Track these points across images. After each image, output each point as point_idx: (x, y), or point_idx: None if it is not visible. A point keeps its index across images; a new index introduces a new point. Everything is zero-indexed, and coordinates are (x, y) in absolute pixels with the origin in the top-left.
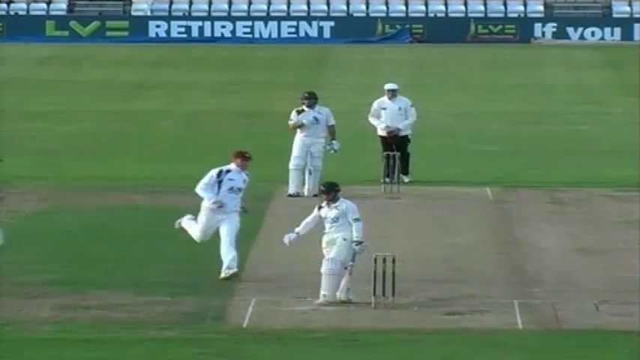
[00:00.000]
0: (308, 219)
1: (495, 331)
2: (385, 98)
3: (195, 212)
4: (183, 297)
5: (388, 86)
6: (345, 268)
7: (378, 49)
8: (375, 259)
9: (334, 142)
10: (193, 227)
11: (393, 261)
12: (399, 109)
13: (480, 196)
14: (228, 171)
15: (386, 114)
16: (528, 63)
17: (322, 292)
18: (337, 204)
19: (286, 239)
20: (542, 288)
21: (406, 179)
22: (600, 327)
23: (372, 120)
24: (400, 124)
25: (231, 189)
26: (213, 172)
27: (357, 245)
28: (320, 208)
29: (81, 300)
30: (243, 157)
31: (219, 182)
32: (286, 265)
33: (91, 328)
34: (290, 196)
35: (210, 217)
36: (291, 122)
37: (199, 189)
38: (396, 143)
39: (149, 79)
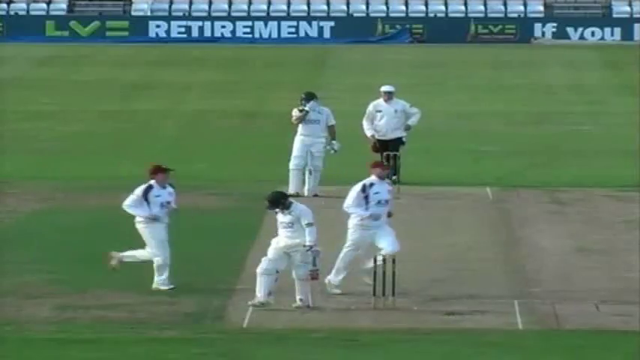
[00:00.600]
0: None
1: (495, 331)
2: (381, 100)
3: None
4: (183, 297)
5: (385, 88)
6: (314, 278)
7: (378, 49)
8: (375, 259)
9: (334, 142)
10: (141, 253)
11: (393, 261)
12: (395, 111)
13: (480, 196)
14: (150, 187)
15: (381, 117)
16: (528, 63)
17: (299, 297)
18: (291, 209)
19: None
20: (542, 288)
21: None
22: (600, 327)
23: (366, 124)
24: (396, 127)
25: (161, 205)
26: (138, 191)
27: (308, 250)
28: (277, 212)
29: (81, 300)
30: (162, 172)
31: (147, 200)
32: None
33: (91, 328)
34: (290, 196)
35: (158, 229)
36: (294, 116)
37: (127, 207)
38: (390, 145)
39: (149, 79)
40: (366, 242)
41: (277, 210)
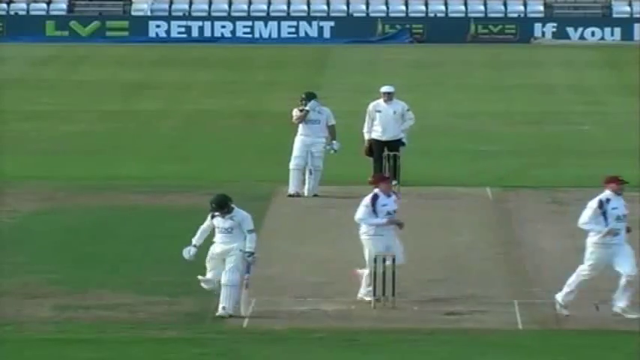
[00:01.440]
0: (203, 227)
1: (495, 331)
2: (381, 101)
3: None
4: (183, 297)
5: (384, 89)
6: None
7: (378, 49)
8: (375, 259)
9: (334, 142)
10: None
11: (393, 261)
12: (394, 112)
13: (480, 196)
14: (376, 196)
15: (380, 117)
16: (528, 63)
17: (221, 305)
18: (232, 214)
19: (186, 254)
20: (542, 288)
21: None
22: (600, 327)
23: (366, 125)
24: (395, 128)
25: (388, 213)
26: (366, 201)
27: (249, 257)
28: (213, 216)
29: (81, 300)
30: (384, 181)
31: (375, 211)
32: (286, 265)
33: (91, 328)
34: (290, 196)
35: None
36: (294, 116)
37: (360, 220)
38: (388, 146)
39: (149, 79)
40: (604, 263)
41: (217, 214)
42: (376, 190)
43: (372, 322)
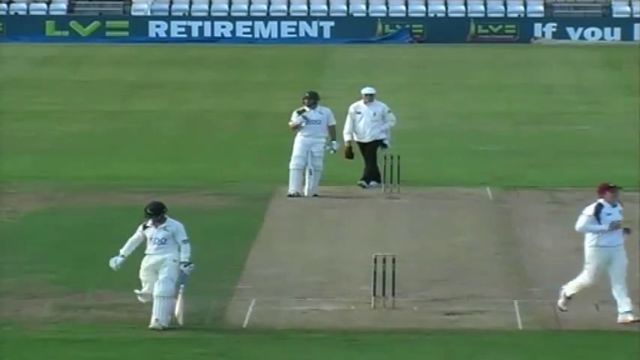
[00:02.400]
0: (133, 238)
1: (495, 331)
2: (361, 102)
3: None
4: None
5: (365, 90)
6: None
7: (378, 49)
8: (375, 259)
9: (334, 142)
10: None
11: (393, 261)
12: (374, 114)
13: (480, 196)
14: (600, 206)
15: (360, 118)
16: (528, 63)
17: (154, 317)
18: (165, 225)
19: (112, 263)
20: (542, 288)
21: (374, 184)
22: (600, 327)
23: (347, 127)
24: (375, 130)
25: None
26: (588, 210)
27: (185, 266)
28: (145, 227)
29: (81, 300)
30: (610, 190)
31: (599, 220)
32: (286, 265)
33: (91, 328)
34: (290, 196)
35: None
36: (291, 123)
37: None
38: (368, 147)
39: (149, 79)
40: (602, 267)
41: (149, 225)
42: (600, 200)
43: (372, 322)
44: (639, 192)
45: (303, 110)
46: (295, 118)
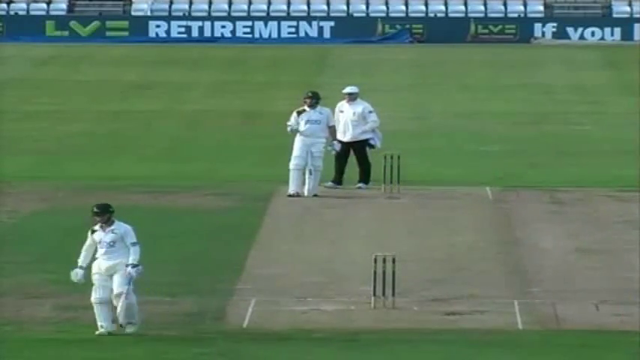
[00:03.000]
0: (86, 245)
1: (495, 331)
2: (345, 102)
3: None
4: (183, 297)
5: (346, 90)
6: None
7: (378, 49)
8: (375, 259)
9: (334, 142)
10: None
11: (393, 261)
12: (354, 114)
13: (480, 196)
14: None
15: (342, 118)
16: (528, 63)
17: (121, 321)
18: (113, 227)
19: (74, 277)
20: (542, 288)
21: (363, 186)
22: (600, 327)
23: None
24: (356, 129)
25: None
26: None
27: (133, 268)
28: (93, 232)
29: (81, 300)
30: None
31: None
32: (286, 265)
33: (91, 328)
34: (290, 196)
35: None
36: (288, 127)
37: None
38: (353, 148)
39: (149, 79)
40: None
41: (96, 229)
42: None
43: (372, 322)
44: (639, 192)
45: (303, 110)
46: (294, 120)
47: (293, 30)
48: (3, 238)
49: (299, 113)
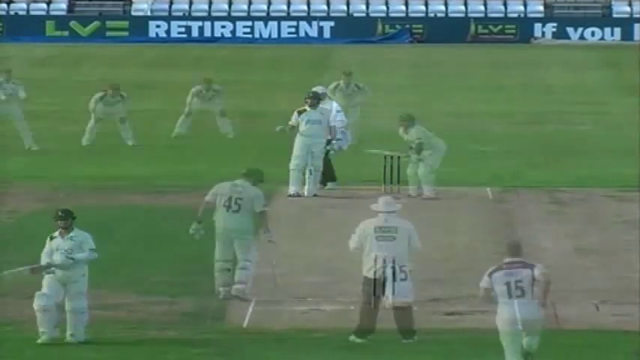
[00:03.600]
0: (45, 252)
1: (495, 331)
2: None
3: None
4: (183, 297)
5: (313, 90)
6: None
7: (378, 49)
8: (375, 259)
9: (335, 142)
10: None
11: (393, 261)
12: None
13: (480, 196)
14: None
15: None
16: (528, 63)
17: (69, 332)
18: (73, 234)
19: (24, 273)
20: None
21: (329, 185)
22: (600, 327)
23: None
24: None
25: None
26: None
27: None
28: (52, 238)
29: None
30: None
31: None
32: (286, 265)
33: (91, 328)
34: (290, 196)
35: None
36: (292, 119)
37: None
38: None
39: (149, 79)
40: None
41: (55, 236)
42: None
43: (372, 322)
44: (639, 192)
45: (304, 110)
46: (294, 119)
47: (293, 30)
48: (3, 238)
49: (299, 113)
